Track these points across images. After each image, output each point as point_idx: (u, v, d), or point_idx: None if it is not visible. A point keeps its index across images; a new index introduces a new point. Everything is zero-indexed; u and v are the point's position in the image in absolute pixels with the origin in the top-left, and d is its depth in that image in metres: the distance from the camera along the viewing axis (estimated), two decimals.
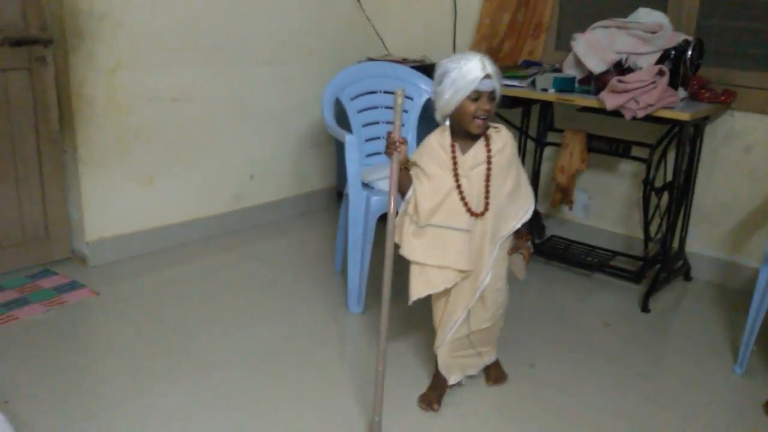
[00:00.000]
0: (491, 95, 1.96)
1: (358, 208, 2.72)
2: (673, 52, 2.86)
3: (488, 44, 3.67)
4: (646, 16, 3.02)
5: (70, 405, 2.16)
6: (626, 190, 3.54)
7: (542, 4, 3.60)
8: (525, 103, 3.41)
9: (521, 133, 3.53)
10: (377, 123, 3.15)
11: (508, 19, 3.62)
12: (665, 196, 3.13)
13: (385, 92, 3.12)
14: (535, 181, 3.60)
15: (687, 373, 2.53)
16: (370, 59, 3.95)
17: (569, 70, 3.20)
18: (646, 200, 3.04)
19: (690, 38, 2.89)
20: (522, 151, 3.56)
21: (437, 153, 2.03)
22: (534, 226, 3.69)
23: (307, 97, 3.93)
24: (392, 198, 1.96)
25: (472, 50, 3.63)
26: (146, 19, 3.18)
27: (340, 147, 3.38)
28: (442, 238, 2.04)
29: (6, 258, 3.07)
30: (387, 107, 3.05)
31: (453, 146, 2.02)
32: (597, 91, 2.98)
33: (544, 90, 3.11)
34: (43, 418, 2.09)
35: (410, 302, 2.09)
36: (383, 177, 2.74)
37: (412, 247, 2.06)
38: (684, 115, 2.73)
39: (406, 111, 3.13)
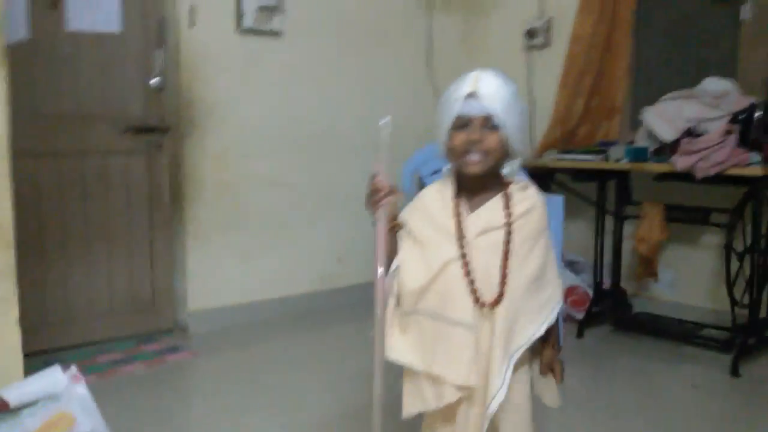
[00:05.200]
0: (488, 122, 1.39)
1: None
2: (741, 115, 2.94)
3: (563, 128, 3.84)
4: (712, 84, 3.13)
5: None
6: (712, 263, 3.50)
7: (615, 89, 3.78)
8: (600, 178, 3.51)
9: (597, 208, 3.59)
10: None
11: (582, 104, 3.80)
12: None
13: None
14: (617, 258, 3.61)
15: None
16: None
17: (642, 143, 3.31)
18: (727, 264, 3.02)
19: (757, 101, 2.97)
20: (600, 228, 3.61)
21: (433, 210, 1.49)
22: (619, 303, 3.67)
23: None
24: (378, 269, 1.48)
25: (547, 135, 3.85)
26: (250, 111, 3.59)
27: None
28: (436, 334, 1.45)
29: (116, 324, 3.35)
30: None
31: (457, 202, 1.48)
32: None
33: (618, 160, 3.22)
34: None
35: (404, 416, 1.51)
36: None
37: (394, 343, 1.50)
38: (756, 170, 2.77)
39: None
